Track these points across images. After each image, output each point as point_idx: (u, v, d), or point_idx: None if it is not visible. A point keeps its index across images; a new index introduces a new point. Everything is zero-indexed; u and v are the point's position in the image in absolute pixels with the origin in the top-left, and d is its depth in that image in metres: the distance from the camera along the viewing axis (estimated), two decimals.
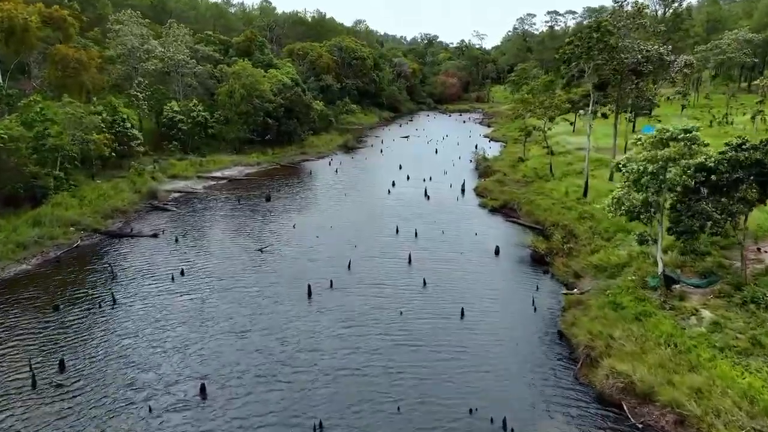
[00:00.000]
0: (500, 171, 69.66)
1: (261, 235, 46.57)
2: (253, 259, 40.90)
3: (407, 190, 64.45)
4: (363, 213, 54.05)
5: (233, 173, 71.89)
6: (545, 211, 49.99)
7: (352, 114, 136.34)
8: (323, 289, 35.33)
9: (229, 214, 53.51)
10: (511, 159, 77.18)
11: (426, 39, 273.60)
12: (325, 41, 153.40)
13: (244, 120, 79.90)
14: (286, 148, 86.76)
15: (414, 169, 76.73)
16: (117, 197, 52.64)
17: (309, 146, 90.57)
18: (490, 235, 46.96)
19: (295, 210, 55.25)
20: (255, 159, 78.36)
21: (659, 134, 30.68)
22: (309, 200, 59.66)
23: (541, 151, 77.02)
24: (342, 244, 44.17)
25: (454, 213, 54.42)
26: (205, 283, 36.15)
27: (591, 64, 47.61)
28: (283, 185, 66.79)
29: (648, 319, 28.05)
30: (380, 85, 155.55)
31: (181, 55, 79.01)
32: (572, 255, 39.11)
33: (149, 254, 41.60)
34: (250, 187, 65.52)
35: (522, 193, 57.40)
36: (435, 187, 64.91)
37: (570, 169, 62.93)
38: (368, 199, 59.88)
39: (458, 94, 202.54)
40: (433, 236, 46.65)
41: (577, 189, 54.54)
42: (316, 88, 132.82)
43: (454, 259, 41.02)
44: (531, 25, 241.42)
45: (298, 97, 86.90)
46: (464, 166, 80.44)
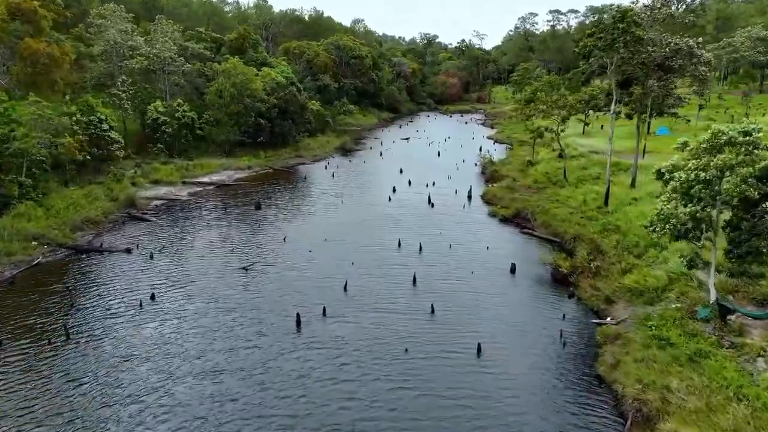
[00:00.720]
0: (509, 176, 64.77)
1: (247, 250, 41.59)
2: (236, 279, 35.92)
3: (409, 197, 59.54)
4: (361, 223, 49.13)
5: (222, 178, 66.89)
6: (563, 222, 45.09)
7: (350, 115, 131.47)
8: (314, 317, 30.38)
9: (213, 224, 48.53)
10: (519, 163, 72.30)
11: (425, 39, 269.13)
12: (323, 40, 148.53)
13: (235, 121, 74.94)
14: (279, 150, 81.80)
15: (416, 173, 71.84)
16: (90, 206, 47.64)
17: (304, 148, 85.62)
18: (503, 250, 42.04)
19: (287, 220, 50.30)
20: (246, 162, 73.39)
21: (714, 137, 25.77)
22: (302, 208, 54.71)
23: (551, 154, 72.17)
24: (337, 261, 39.22)
25: (462, 223, 49.49)
26: (177, 310, 31.17)
27: (614, 59, 42.74)
28: (275, 191, 61.82)
29: (706, 361, 23.13)
30: (379, 84, 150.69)
31: (167, 53, 74.00)
32: (600, 275, 34.19)
33: (118, 274, 36.59)
34: (240, 193, 60.55)
35: (535, 200, 52.48)
36: (439, 194, 60.02)
37: (585, 174, 58.05)
38: (367, 207, 54.96)
39: (459, 95, 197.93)
40: (439, 250, 41.73)
41: (596, 196, 49.70)
42: (313, 88, 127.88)
43: (464, 279, 36.08)
44: (533, 25, 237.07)
45: (293, 97, 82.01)
46: (469, 170, 75.54)
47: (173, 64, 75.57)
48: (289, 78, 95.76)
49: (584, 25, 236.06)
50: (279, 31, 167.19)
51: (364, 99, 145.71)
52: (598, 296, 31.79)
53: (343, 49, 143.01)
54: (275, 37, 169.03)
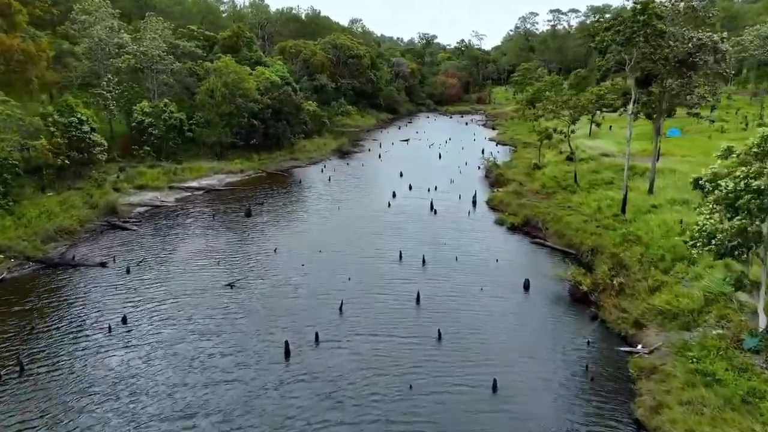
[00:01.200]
0: (514, 180, 61.26)
1: (234, 263, 38.01)
2: (220, 297, 32.35)
3: (410, 203, 56.02)
4: (359, 232, 45.59)
5: (212, 182, 63.31)
6: (577, 232, 41.58)
7: (348, 116, 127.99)
8: (306, 344, 26.84)
9: (199, 233, 44.93)
10: (525, 166, 68.79)
11: (424, 39, 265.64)
12: (320, 39, 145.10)
13: (226, 122, 71.36)
14: (274, 153, 78.23)
15: (416, 176, 68.29)
16: (65, 214, 44.04)
17: (299, 151, 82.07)
18: (514, 262, 38.54)
19: (279, 228, 46.73)
20: (238, 166, 69.80)
21: (766, 141, 22.31)
22: (296, 215, 51.12)
23: (559, 157, 68.76)
24: (333, 276, 35.67)
25: (467, 232, 45.98)
26: (150, 336, 27.60)
27: (634, 54, 39.26)
28: (267, 196, 58.24)
29: (764, 404, 19.67)
30: (378, 85, 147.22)
31: (155, 50, 70.40)
32: (625, 293, 30.71)
33: (89, 291, 33.01)
34: (230, 198, 56.97)
35: (545, 207, 48.97)
36: (442, 199, 56.51)
37: (597, 178, 54.54)
38: (365, 214, 51.42)
39: (458, 95, 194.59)
40: (444, 263, 38.20)
41: (611, 203, 46.24)
42: (310, 88, 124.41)
43: (473, 297, 32.56)
44: (533, 24, 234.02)
45: (288, 97, 78.48)
46: (472, 173, 72.05)
47: (162, 63, 71.95)
48: (285, 77, 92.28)
49: (585, 24, 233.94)
50: (275, 31, 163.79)
51: (362, 99, 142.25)
52: (624, 319, 28.28)
53: (340, 49, 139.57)
54: (271, 36, 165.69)
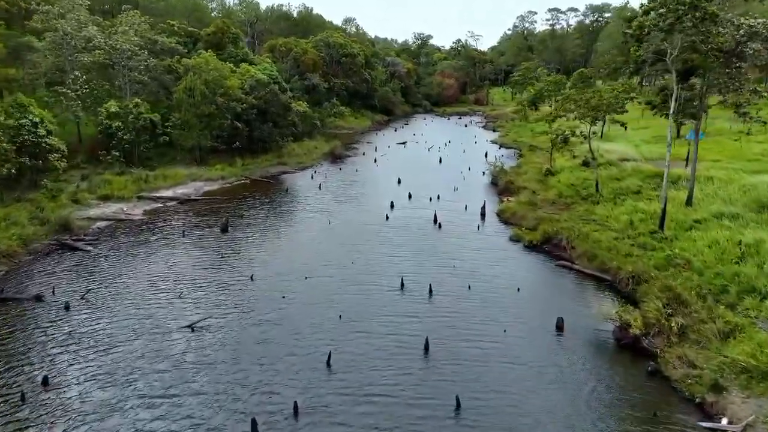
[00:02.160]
0: (526, 188, 54.92)
1: (200, 296, 31.38)
2: (175, 344, 25.72)
3: (410, 214, 49.55)
4: (353, 251, 39.04)
5: (187, 191, 56.56)
6: (609, 252, 35.17)
7: (342, 117, 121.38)
8: (281, 418, 20.28)
9: (163, 255, 38.22)
10: (535, 172, 62.52)
11: (419, 39, 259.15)
12: (312, 37, 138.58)
13: (206, 124, 64.64)
14: (259, 157, 71.58)
15: (416, 184, 61.88)
16: (3, 234, 37.21)
17: (288, 155, 75.44)
18: (539, 292, 32.13)
19: (259, 247, 40.10)
20: (218, 172, 63.07)
21: None
22: (280, 231, 44.49)
23: (572, 162, 62.47)
24: (320, 312, 29.14)
25: (478, 250, 39.52)
26: (74, 405, 20.92)
27: (678, 43, 33.05)
28: (249, 207, 51.59)
29: None
30: (372, 85, 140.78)
31: (126, 44, 63.63)
32: (688, 338, 24.33)
33: (10, 338, 26.25)
34: (206, 210, 50.29)
35: (565, 220, 42.63)
36: (446, 210, 50.10)
37: (621, 186, 48.21)
38: (360, 228, 44.90)
39: (456, 96, 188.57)
40: (455, 293, 31.74)
41: (644, 217, 39.99)
42: (301, 88, 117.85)
43: (495, 342, 26.09)
44: (531, 23, 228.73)
45: (274, 96, 71.84)
46: (477, 179, 65.70)
47: (135, 58, 65.17)
48: (273, 76, 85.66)
49: (584, 24, 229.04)
50: (265, 29, 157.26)
51: (357, 100, 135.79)
52: (696, 378, 21.88)
53: (333, 47, 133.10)
54: (261, 35, 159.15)
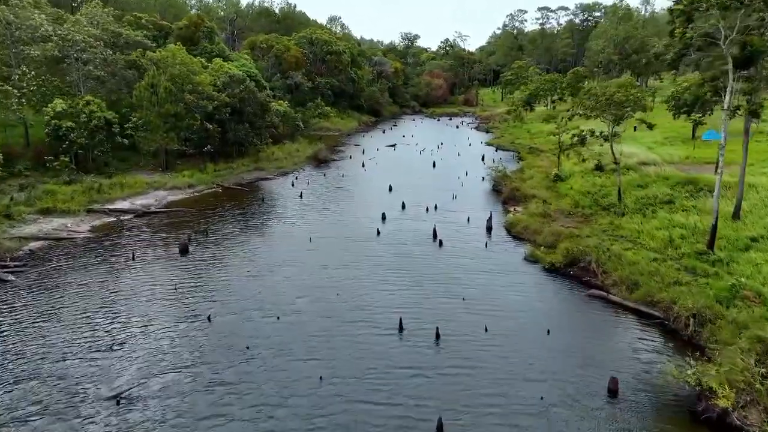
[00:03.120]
0: (535, 196, 48.51)
1: (139, 345, 24.23)
2: (93, 425, 18.58)
3: (405, 228, 42.79)
4: (337, 278, 32.15)
5: (148, 202, 49.16)
6: (651, 278, 28.72)
7: (327, 118, 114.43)
8: None
9: (104, 286, 30.94)
10: (541, 177, 56.19)
11: (406, 39, 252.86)
12: (295, 34, 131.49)
13: (172, 125, 57.25)
14: (235, 162, 64.38)
15: (409, 191, 55.24)
16: None
17: (267, 159, 68.29)
18: (575, 335, 25.47)
19: (224, 273, 32.99)
20: (186, 179, 55.67)
21: None
22: (251, 251, 37.39)
23: (581, 166, 56.21)
24: (294, 369, 22.19)
25: (490, 275, 32.85)
26: None
27: (737, 23, 26.80)
28: (217, 221, 44.42)
29: None
30: (359, 84, 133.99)
31: (79, 35, 56.03)
32: None
33: None
34: (166, 225, 43.02)
35: (588, 236, 36.21)
36: (445, 222, 43.48)
37: (647, 195, 41.85)
38: (346, 248, 38.01)
39: (445, 97, 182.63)
40: (468, 337, 24.99)
41: (684, 233, 33.66)
42: (283, 87, 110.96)
43: (531, 413, 19.35)
44: (522, 22, 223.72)
45: (251, 94, 64.61)
46: (476, 185, 59.20)
47: (89, 51, 57.58)
48: (251, 73, 78.52)
49: (573, 23, 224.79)
50: (246, 26, 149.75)
51: (342, 100, 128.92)
52: None
53: (317, 44, 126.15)
54: (241, 32, 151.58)
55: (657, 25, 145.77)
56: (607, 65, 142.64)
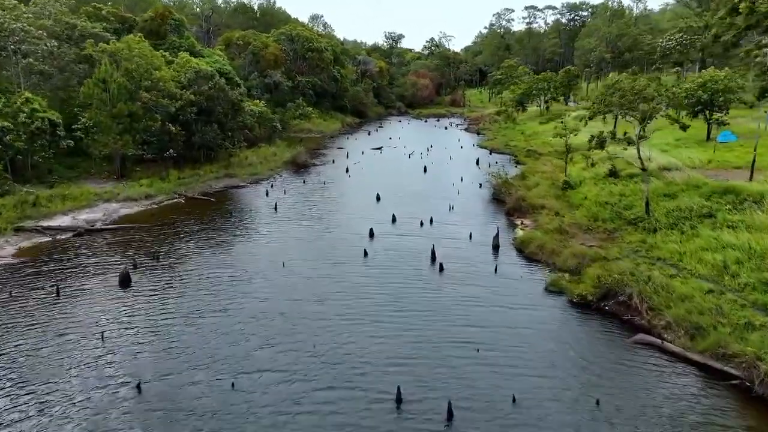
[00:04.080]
0: (544, 206, 42.33)
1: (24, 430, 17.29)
2: None
3: (397, 246, 36.23)
4: (313, 320, 25.45)
5: (94, 217, 41.89)
6: (711, 317, 22.53)
7: (308, 119, 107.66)
8: None
9: (18, 330, 23.84)
10: (548, 184, 50.09)
11: (391, 38, 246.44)
12: (274, 30, 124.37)
13: (126, 126, 49.94)
14: (203, 168, 57.26)
15: (399, 201, 48.84)
16: None
17: (239, 165, 61.21)
18: (634, 411, 19.06)
19: (170, 315, 26.02)
20: (143, 189, 48.44)
21: None
22: (208, 281, 30.44)
23: (590, 171, 50.32)
24: None
25: (506, 312, 26.39)
26: None
27: None
28: (173, 240, 37.38)
29: None
30: (342, 84, 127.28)
31: (17, 24, 48.52)
32: None
33: None
34: (111, 247, 35.87)
35: (617, 257, 30.05)
36: (444, 239, 37.08)
37: (678, 207, 35.63)
38: (327, 274, 31.32)
39: (431, 97, 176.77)
40: (491, 411, 18.46)
41: (740, 256, 27.58)
42: (261, 86, 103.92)
43: None
44: (509, 21, 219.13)
45: (221, 92, 57.51)
46: (473, 193, 52.92)
47: (30, 41, 50.06)
48: (224, 71, 71.41)
49: (560, 23, 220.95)
50: (222, 22, 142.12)
51: (325, 100, 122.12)
52: None
53: (297, 41, 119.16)
54: (218, 29, 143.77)
55: (649, 23, 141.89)
56: (599, 64, 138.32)
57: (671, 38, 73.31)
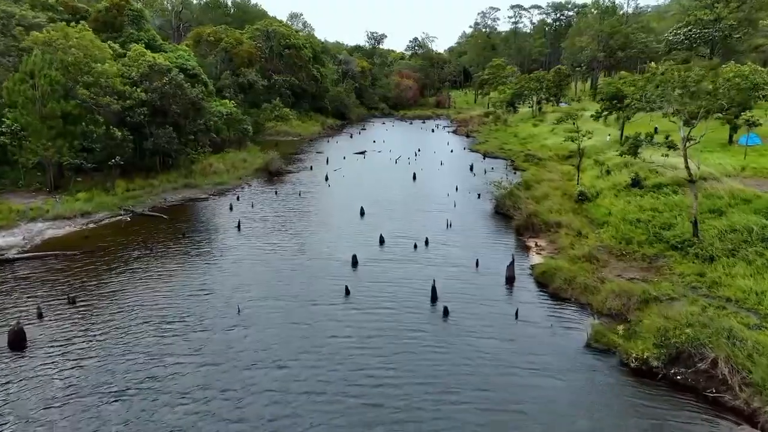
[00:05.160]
0: (560, 224, 35.39)
1: None
2: None
3: (387, 277, 28.89)
4: (272, 399, 18.01)
5: (11, 242, 33.69)
6: None
7: (285, 121, 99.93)
8: None
9: None
10: (559, 195, 43.27)
11: (373, 38, 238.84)
12: (248, 26, 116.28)
13: (60, 130, 41.76)
14: (158, 178, 49.33)
15: (387, 215, 41.66)
16: None
17: (203, 173, 53.29)
18: None
19: (70, 392, 18.33)
20: (78, 205, 40.32)
21: None
22: (135, 335, 22.72)
23: (606, 181, 43.71)
24: None
25: (537, 380, 19.22)
26: None
27: None
28: (103, 273, 29.47)
29: None
30: (322, 83, 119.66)
31: None
32: None
33: None
34: (19, 285, 27.84)
35: (670, 296, 23.18)
36: (444, 267, 29.96)
37: (731, 227, 28.99)
38: (296, 323, 23.86)
39: (415, 99, 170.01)
40: None
41: None
42: (233, 86, 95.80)
43: None
44: (494, 20, 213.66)
45: (178, 89, 49.57)
46: (472, 205, 45.83)
47: None
48: (187, 67, 63.37)
49: (546, 23, 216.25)
50: (193, 18, 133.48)
51: (304, 101, 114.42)
52: None
53: (274, 38, 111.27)
54: (189, 27, 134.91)
55: (641, 21, 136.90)
56: (590, 63, 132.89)
57: (678, 32, 67.43)
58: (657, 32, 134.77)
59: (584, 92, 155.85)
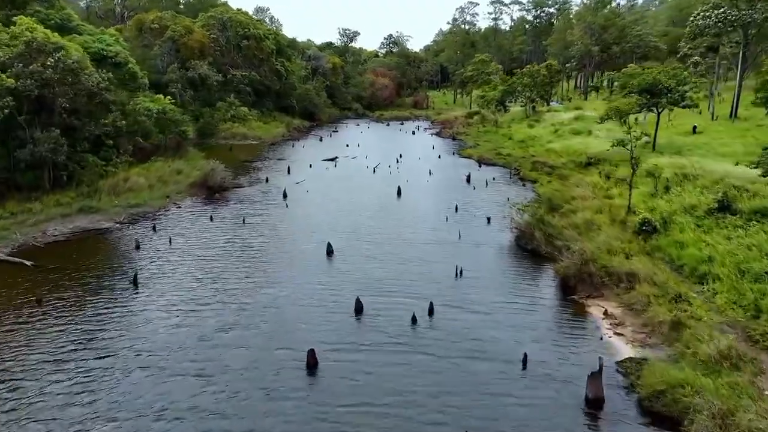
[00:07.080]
0: (633, 272, 22.88)
1: None
2: None
3: (368, 397, 15.80)
4: None
5: None
6: None
7: (243, 122, 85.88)
8: None
9: None
10: (605, 220, 30.81)
11: (345, 35, 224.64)
12: (201, 14, 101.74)
13: None
14: (42, 199, 35.14)
15: (366, 255, 28.58)
16: None
17: (113, 191, 39.15)
18: None
19: None
20: None
21: None
22: None
23: (671, 202, 31.58)
24: None
25: None
26: None
27: None
28: None
29: None
30: (288, 79, 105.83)
31: None
32: None
33: None
34: None
35: None
36: (464, 356, 17.01)
37: None
38: None
39: (391, 98, 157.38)
40: None
41: None
42: (182, 81, 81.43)
43: None
44: (473, 16, 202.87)
45: (68, 75, 35.32)
46: (483, 235, 32.93)
47: None
48: (108, 52, 49.19)
49: (526, 19, 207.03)
50: (141, 6, 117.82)
51: (266, 100, 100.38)
52: None
53: (230, 27, 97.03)
54: (135, 14, 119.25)
55: (635, 13, 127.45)
56: (581, 59, 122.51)
57: (707, 14, 56.58)
58: (650, 25, 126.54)
59: (570, 91, 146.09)
